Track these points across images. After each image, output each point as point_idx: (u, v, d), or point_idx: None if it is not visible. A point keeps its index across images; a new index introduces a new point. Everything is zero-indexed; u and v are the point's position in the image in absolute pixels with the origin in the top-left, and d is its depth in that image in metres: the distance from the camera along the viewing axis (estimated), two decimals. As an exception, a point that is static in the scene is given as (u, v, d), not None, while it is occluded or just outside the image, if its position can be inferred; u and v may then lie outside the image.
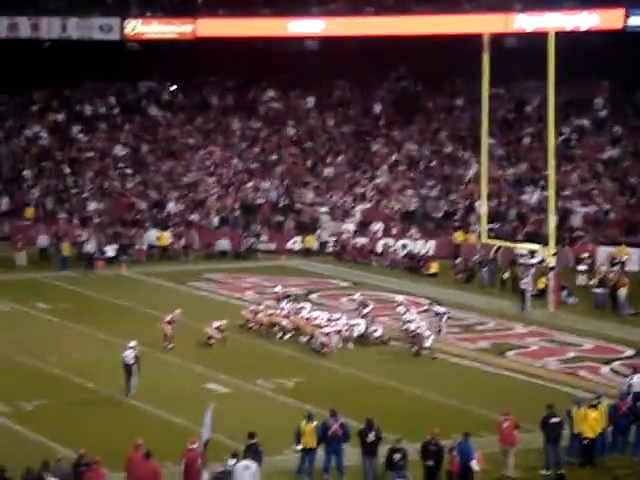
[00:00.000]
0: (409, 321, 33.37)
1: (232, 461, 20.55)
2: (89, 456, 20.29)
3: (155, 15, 57.39)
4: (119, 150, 57.12)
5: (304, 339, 33.27)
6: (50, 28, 55.96)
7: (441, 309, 35.27)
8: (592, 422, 23.18)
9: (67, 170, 55.42)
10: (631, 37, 52.10)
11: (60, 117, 59.21)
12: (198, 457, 20.64)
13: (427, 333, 32.55)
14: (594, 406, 23.46)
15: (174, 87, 61.71)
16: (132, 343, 28.04)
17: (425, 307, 37.51)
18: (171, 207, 52.75)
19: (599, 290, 38.94)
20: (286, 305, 35.50)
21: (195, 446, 20.81)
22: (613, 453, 23.82)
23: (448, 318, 35.24)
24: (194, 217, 52.18)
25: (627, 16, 52.05)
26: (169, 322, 32.44)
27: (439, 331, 34.67)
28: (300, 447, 22.48)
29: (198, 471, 20.48)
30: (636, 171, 52.30)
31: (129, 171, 55.65)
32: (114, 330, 33.92)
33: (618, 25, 52.01)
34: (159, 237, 49.52)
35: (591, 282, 39.25)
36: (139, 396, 27.39)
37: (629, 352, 33.11)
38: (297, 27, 55.95)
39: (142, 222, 51.31)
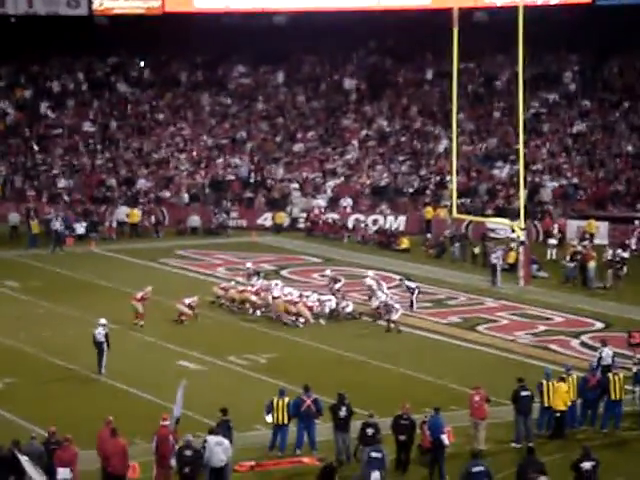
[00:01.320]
0: (380, 294, 33.47)
1: (210, 437, 20.49)
2: (60, 434, 20.22)
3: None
4: (88, 127, 56.76)
5: (276, 314, 33.28)
6: (16, 3, 55.47)
7: (412, 284, 35.36)
8: (563, 395, 23.34)
9: (36, 147, 55.05)
10: (600, 11, 52.27)
11: (28, 93, 58.74)
12: (170, 434, 20.61)
13: (396, 306, 32.67)
14: (563, 379, 23.61)
15: (142, 63, 61.31)
16: (102, 321, 27.95)
17: (396, 282, 37.63)
18: (141, 184, 52.54)
19: (570, 264, 39.13)
20: (257, 282, 35.48)
21: (167, 423, 20.78)
22: (582, 426, 24.01)
23: (419, 293, 35.34)
24: (164, 194, 51.99)
25: (595, -10, 52.23)
26: (140, 299, 32.34)
27: (411, 306, 34.79)
28: (270, 418, 22.50)
29: (170, 448, 20.46)
30: (605, 145, 52.53)
31: (98, 148, 55.34)
32: (85, 308, 33.79)
33: (587, -1, 52.15)
34: (129, 214, 49.32)
35: (566, 258, 39.40)
36: (111, 373, 27.33)
37: (599, 325, 33.33)
38: (266, 2, 55.74)
39: (112, 199, 51.09)
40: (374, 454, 20.17)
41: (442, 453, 21.54)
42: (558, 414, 23.38)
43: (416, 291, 35.11)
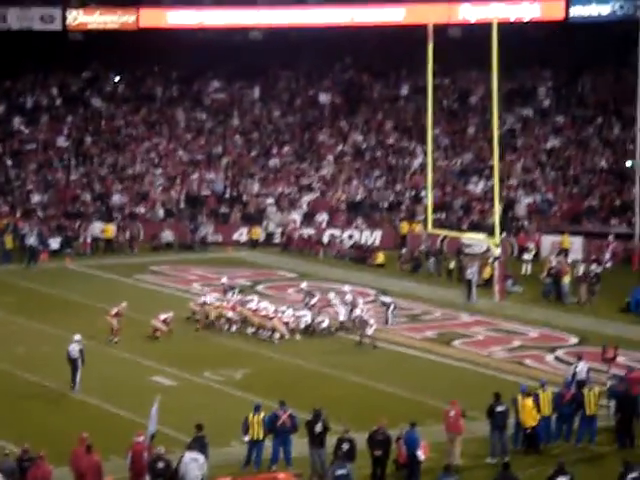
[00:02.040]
0: (342, 309, 33.52)
1: (187, 453, 20.43)
2: (33, 451, 20.08)
3: (97, 5, 56.87)
4: (62, 142, 56.58)
5: (251, 330, 33.21)
6: (-10, 19, 55.24)
7: (388, 299, 35.38)
8: (530, 411, 23.36)
9: (9, 162, 54.79)
10: (573, 27, 52.61)
11: (1, 109, 58.48)
12: (144, 450, 20.52)
13: (371, 321, 32.68)
14: (529, 395, 23.63)
15: (117, 78, 61.22)
16: (77, 337, 27.81)
17: (372, 297, 37.64)
18: (116, 199, 52.38)
19: (548, 280, 39.23)
20: (232, 297, 35.41)
21: (141, 439, 20.70)
22: (558, 440, 24.05)
23: (395, 308, 35.35)
24: (139, 209, 51.86)
25: (568, 7, 52.61)
26: (115, 315, 32.20)
27: (386, 321, 34.80)
28: (248, 438, 22.44)
29: (145, 464, 20.37)
30: (578, 161, 52.81)
31: (73, 163, 55.15)
32: (59, 323, 33.60)
33: (560, 16, 52.53)
34: (104, 229, 49.15)
35: (543, 274, 39.52)
36: (85, 390, 27.18)
37: (573, 340, 33.44)
38: (241, 18, 55.85)
39: (86, 214, 50.91)
40: (339, 471, 20.12)
41: (417, 468, 21.55)
42: (528, 430, 23.41)
43: (391, 306, 35.13)
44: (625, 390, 24.62)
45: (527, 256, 43.88)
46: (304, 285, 36.74)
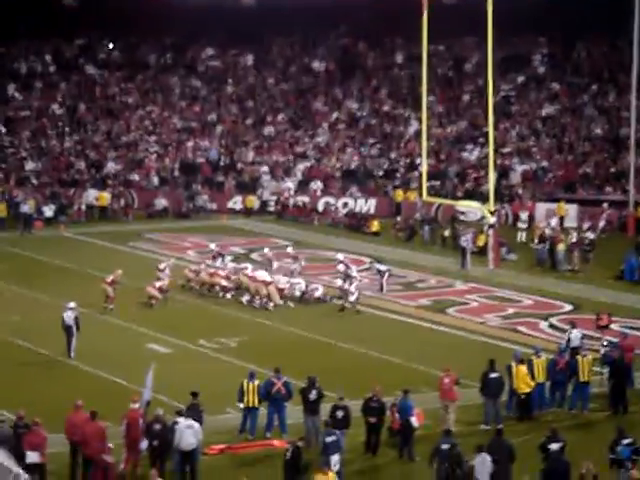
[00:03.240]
0: (347, 277, 33.51)
1: (180, 419, 20.53)
2: (29, 418, 20.14)
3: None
4: (56, 109, 56.37)
5: (247, 297, 33.24)
6: (-17, -15, 54.87)
7: (383, 267, 35.43)
8: (524, 377, 23.48)
9: (3, 129, 54.60)
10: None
11: (-6, 75, 58.26)
12: (140, 417, 20.59)
13: (353, 289, 32.69)
14: (522, 361, 23.74)
15: (111, 45, 60.90)
16: (71, 304, 27.84)
17: (367, 265, 37.69)
18: (110, 167, 52.28)
19: (539, 246, 39.31)
20: (221, 263, 35.45)
21: (137, 406, 20.76)
22: (551, 407, 24.17)
23: (389, 276, 35.41)
24: (133, 177, 51.77)
25: (564, -27, 52.29)
26: (110, 283, 32.21)
27: (381, 289, 34.87)
28: (243, 405, 22.52)
29: (140, 431, 20.44)
30: (573, 128, 52.75)
31: (67, 130, 54.99)
32: (54, 291, 33.62)
33: (556, -18, 52.25)
34: (98, 197, 49.10)
35: (534, 240, 39.61)
36: (80, 357, 27.24)
37: (567, 307, 33.53)
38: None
39: (81, 182, 50.81)
40: (328, 439, 20.20)
41: (411, 435, 21.66)
42: (522, 396, 23.53)
43: (386, 274, 35.18)
44: (619, 357, 24.72)
45: (521, 224, 43.92)
46: (266, 251, 36.76)
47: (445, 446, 19.57)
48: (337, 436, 20.31)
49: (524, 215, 44.46)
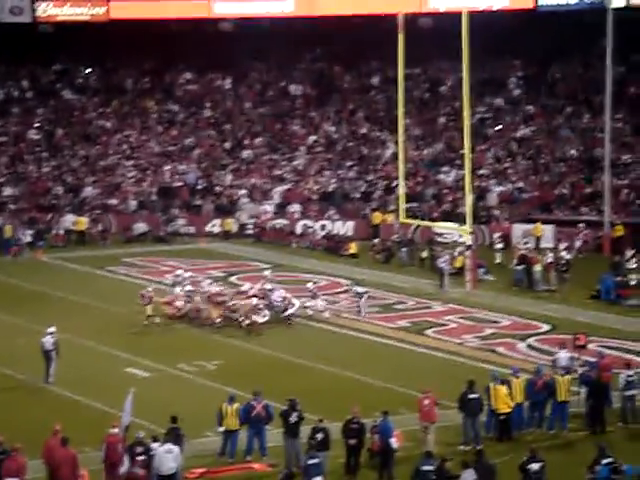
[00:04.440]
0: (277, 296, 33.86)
1: (155, 444, 20.56)
2: (8, 444, 20.08)
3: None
4: (33, 134, 56.33)
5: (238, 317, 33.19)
6: (-41, 11, 54.85)
7: (361, 289, 35.53)
8: (504, 397, 23.59)
9: (-20, 155, 54.53)
10: (542, 17, 52.86)
11: (-29, 101, 58.19)
12: (119, 442, 20.58)
13: (294, 301, 33.29)
14: (502, 382, 23.85)
15: (88, 70, 60.96)
16: (51, 329, 27.80)
17: (345, 287, 37.79)
18: (88, 191, 52.25)
19: (519, 267, 39.48)
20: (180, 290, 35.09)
21: (116, 431, 20.74)
22: (530, 428, 24.27)
23: (368, 298, 35.51)
24: (111, 201, 51.75)
25: (537, -4, 52.84)
26: (167, 303, 32.80)
27: (359, 311, 34.96)
28: (222, 429, 22.52)
29: (119, 456, 20.42)
30: (548, 149, 53.12)
31: (44, 155, 54.94)
32: (32, 316, 33.52)
33: (529, 5, 52.75)
34: (76, 222, 49.06)
35: (513, 262, 39.80)
36: (59, 382, 27.18)
37: (545, 327, 33.69)
38: (214, 8, 55.80)
39: (58, 207, 50.75)
40: (311, 461, 20.26)
41: (391, 457, 21.70)
42: (502, 417, 23.63)
43: (365, 296, 35.28)
44: (596, 377, 24.87)
45: (498, 245, 44.12)
46: (268, 273, 36.91)
47: (426, 467, 19.64)
48: (320, 459, 20.35)
49: (499, 236, 44.67)
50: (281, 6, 55.19)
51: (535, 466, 19.89)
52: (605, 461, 19.84)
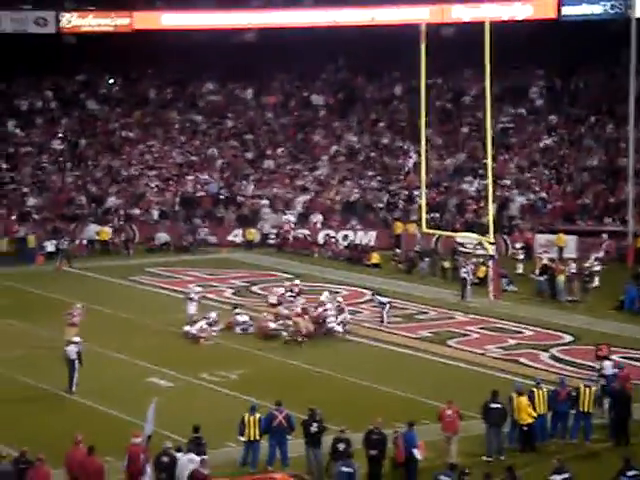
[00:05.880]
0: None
1: (178, 454, 20.59)
2: (32, 454, 20.14)
3: (91, 8, 56.95)
4: (57, 144, 56.62)
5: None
6: (-16, 22, 55.26)
7: (384, 299, 35.50)
8: (525, 408, 23.49)
9: (4, 165, 54.82)
10: (565, 26, 52.78)
11: (-5, 112, 58.54)
12: (141, 452, 20.60)
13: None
14: (523, 393, 23.74)
15: (112, 80, 61.27)
16: (75, 338, 27.90)
17: (368, 297, 37.77)
18: (111, 201, 52.44)
19: (540, 277, 39.37)
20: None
21: (138, 440, 20.77)
22: (553, 439, 24.15)
23: (390, 308, 35.47)
24: (134, 211, 51.92)
25: (560, 6, 52.76)
26: (299, 315, 32.65)
27: (381, 321, 34.93)
28: (244, 438, 22.53)
29: (142, 466, 20.45)
30: (571, 159, 52.95)
31: (68, 165, 55.21)
32: (55, 326, 33.62)
33: (552, 15, 52.68)
34: (99, 232, 49.24)
35: (535, 272, 39.70)
36: (82, 391, 27.25)
37: (568, 338, 33.55)
38: (235, 19, 56.03)
39: (82, 217, 50.97)
40: (345, 469, 20.28)
41: (415, 467, 21.64)
42: (524, 428, 23.53)
43: (387, 306, 35.26)
44: (620, 388, 24.74)
45: (521, 255, 43.99)
46: (297, 282, 37.01)
47: (443, 478, 19.57)
48: (353, 468, 20.35)
49: (521, 246, 44.56)
50: (298, 17, 55.36)
51: (558, 478, 19.76)
52: (630, 473, 19.71)
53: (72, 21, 56.13)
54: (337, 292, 36.37)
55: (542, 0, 53.22)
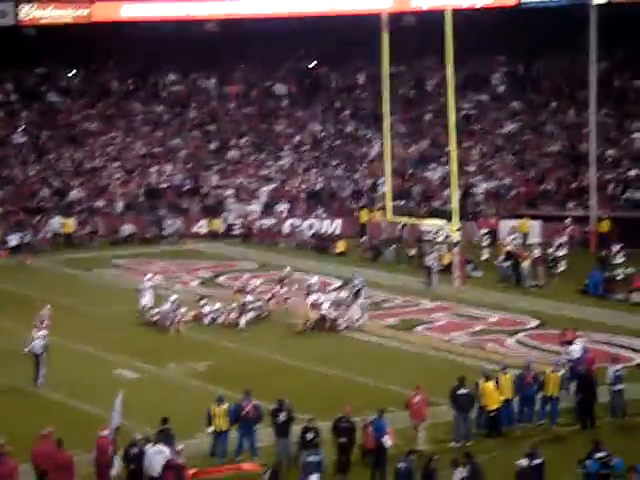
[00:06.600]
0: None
1: (147, 445, 20.54)
2: (-1, 448, 20.05)
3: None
4: (18, 137, 56.19)
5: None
6: (-58, 15, 54.69)
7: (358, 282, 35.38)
8: (492, 393, 23.61)
9: (-35, 159, 54.41)
10: (525, 13, 52.96)
11: (-44, 105, 58.03)
12: (109, 444, 20.55)
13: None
14: (490, 378, 23.87)
15: (73, 72, 60.86)
16: (40, 332, 27.73)
17: (336, 285, 37.83)
18: (74, 194, 52.14)
19: (504, 263, 39.57)
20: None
21: (106, 433, 20.72)
22: (520, 423, 24.31)
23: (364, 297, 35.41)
24: (98, 203, 51.66)
25: (520, -8, 52.94)
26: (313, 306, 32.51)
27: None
28: (212, 429, 22.51)
29: (110, 458, 20.40)
30: (534, 145, 53.21)
31: (30, 158, 54.83)
32: (20, 320, 33.41)
33: (512, 2, 52.84)
34: (63, 224, 48.96)
35: (499, 258, 39.88)
36: (48, 385, 27.13)
37: (533, 323, 33.76)
38: (196, 9, 55.77)
39: (45, 210, 50.65)
40: (311, 458, 20.31)
41: (384, 455, 21.71)
42: (491, 413, 23.65)
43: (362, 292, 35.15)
44: (585, 372, 24.93)
45: (486, 241, 44.17)
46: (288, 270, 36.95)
47: (401, 465, 19.70)
48: (320, 457, 20.38)
49: (486, 232, 44.74)
50: (267, 7, 55.29)
51: (524, 462, 19.87)
52: (597, 455, 19.88)
53: (31, 13, 55.62)
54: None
55: (502, -13, 53.37)
